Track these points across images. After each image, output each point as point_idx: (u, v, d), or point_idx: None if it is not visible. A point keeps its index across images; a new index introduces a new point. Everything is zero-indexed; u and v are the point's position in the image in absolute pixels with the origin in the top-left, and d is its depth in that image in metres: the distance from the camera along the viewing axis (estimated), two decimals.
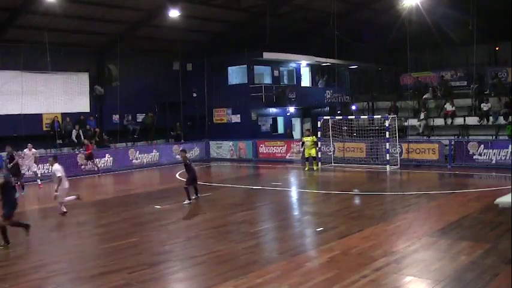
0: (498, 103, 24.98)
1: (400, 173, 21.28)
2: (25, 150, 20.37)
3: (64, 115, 26.61)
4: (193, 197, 15.27)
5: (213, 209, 14.43)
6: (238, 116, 30.32)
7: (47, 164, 22.46)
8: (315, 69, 34.03)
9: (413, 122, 26.88)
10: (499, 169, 20.24)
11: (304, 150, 22.85)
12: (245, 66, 29.87)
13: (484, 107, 24.88)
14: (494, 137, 23.87)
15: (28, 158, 20.27)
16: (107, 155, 25.33)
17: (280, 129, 31.99)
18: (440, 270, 8.06)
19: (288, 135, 30.84)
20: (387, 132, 22.05)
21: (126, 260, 9.39)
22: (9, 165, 18.55)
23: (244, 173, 24.72)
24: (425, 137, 25.61)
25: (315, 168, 22.32)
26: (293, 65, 32.41)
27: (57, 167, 14.07)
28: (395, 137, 22.99)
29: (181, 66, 31.22)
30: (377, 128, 24.59)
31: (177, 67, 31.24)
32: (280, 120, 32.15)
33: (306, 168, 22.40)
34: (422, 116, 26.31)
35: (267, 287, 7.70)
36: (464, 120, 25.55)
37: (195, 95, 31.59)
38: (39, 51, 24.13)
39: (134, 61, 28.92)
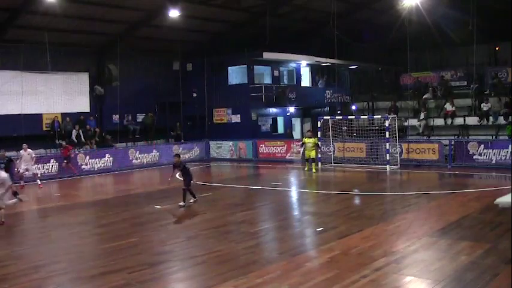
0: (498, 103, 24.99)
1: (400, 173, 21.28)
2: (21, 151, 20.20)
3: (64, 115, 26.61)
4: (192, 200, 14.89)
5: (213, 209, 14.43)
6: (238, 116, 30.32)
7: (46, 164, 22.72)
8: (315, 69, 34.04)
9: (413, 122, 26.88)
10: (499, 169, 20.23)
11: (304, 151, 22.74)
12: (245, 66, 29.87)
13: (484, 107, 24.88)
14: (494, 137, 23.88)
15: (25, 159, 20.09)
16: (107, 155, 25.30)
17: (280, 129, 31.99)
18: (440, 270, 8.06)
19: (288, 135, 30.84)
20: (387, 132, 22.05)
21: (126, 260, 9.39)
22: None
23: (244, 173, 24.72)
24: (425, 137, 25.62)
25: (313, 170, 22.15)
26: (293, 65, 32.42)
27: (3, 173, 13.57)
28: (395, 137, 22.99)
29: (181, 66, 31.23)
30: (377, 128, 24.59)
31: (177, 67, 31.24)
32: (280, 120, 32.15)
33: (306, 168, 22.32)
34: (422, 116, 26.32)
35: (267, 287, 7.69)
36: (464, 120, 25.55)
37: (195, 95, 31.58)
38: (39, 51, 24.13)
39: (134, 61, 28.92)
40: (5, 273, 8.83)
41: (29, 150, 20.12)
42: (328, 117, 25.34)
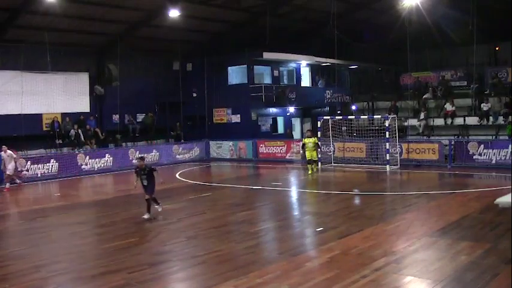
0: (498, 103, 25.01)
1: (400, 173, 21.28)
2: (1, 153, 19.90)
3: (64, 115, 26.57)
4: (159, 209, 13.56)
5: (213, 208, 14.44)
6: (238, 116, 30.32)
7: (46, 164, 22.71)
8: (315, 69, 34.03)
9: (413, 122, 26.87)
10: (499, 169, 20.22)
11: (304, 152, 22.10)
12: (245, 66, 29.86)
13: (484, 107, 24.88)
14: (494, 137, 23.87)
15: (7, 161, 19.76)
16: (106, 155, 25.30)
17: (280, 129, 31.98)
18: (440, 270, 8.06)
19: (288, 135, 30.82)
20: (387, 132, 22.04)
21: (127, 260, 9.40)
22: None
23: (244, 173, 24.72)
24: (425, 137, 25.61)
25: (314, 170, 21.69)
26: (293, 65, 32.41)
27: None
28: (395, 137, 22.98)
29: (181, 66, 31.20)
30: (377, 128, 24.59)
31: (177, 67, 31.22)
32: (280, 120, 32.15)
33: (310, 172, 21.45)
34: (422, 116, 26.31)
35: (267, 286, 7.70)
36: (464, 120, 25.55)
37: (195, 95, 31.57)
38: (39, 51, 24.13)
39: (134, 61, 28.90)
40: (5, 273, 8.84)
41: (8, 151, 19.85)
42: (328, 117, 25.31)
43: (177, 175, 22.47)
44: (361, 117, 27.87)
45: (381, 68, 35.70)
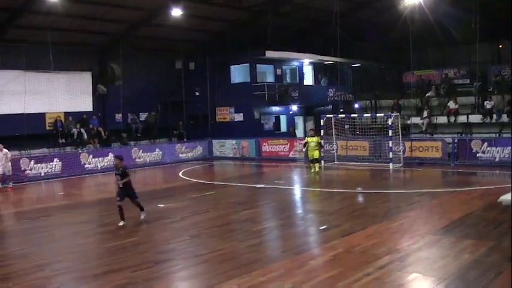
0: (501, 101, 24.94)
1: (403, 171, 21.25)
2: None
3: (67, 114, 26.59)
4: (142, 217, 12.75)
5: (216, 207, 14.44)
6: (241, 114, 30.30)
7: (50, 163, 22.74)
8: (317, 68, 33.99)
9: (416, 120, 26.80)
10: (502, 167, 20.11)
11: (307, 151, 22.00)
12: (248, 64, 29.81)
13: (487, 104, 24.83)
14: (497, 134, 23.82)
15: (3, 159, 19.68)
16: (110, 153, 25.27)
17: (283, 127, 31.95)
18: (443, 268, 8.04)
19: (291, 134, 30.78)
20: (390, 130, 22.00)
21: (130, 258, 9.40)
22: None
23: (247, 171, 24.72)
24: (428, 135, 25.56)
25: (317, 169, 21.38)
26: (296, 63, 32.39)
27: None
28: (399, 135, 22.91)
29: (183, 65, 31.21)
30: (380, 126, 24.56)
31: (179, 66, 31.23)
32: (283, 119, 32.11)
33: (312, 170, 21.28)
34: (425, 114, 26.26)
35: (270, 285, 7.69)
36: (468, 118, 25.50)
37: (197, 93, 31.57)
38: (41, 51, 24.14)
39: (137, 60, 28.92)
40: (9, 272, 8.86)
41: (4, 150, 19.77)
42: (331, 115, 25.28)
43: (180, 174, 22.48)
44: (364, 115, 27.86)
45: (383, 66, 35.64)
